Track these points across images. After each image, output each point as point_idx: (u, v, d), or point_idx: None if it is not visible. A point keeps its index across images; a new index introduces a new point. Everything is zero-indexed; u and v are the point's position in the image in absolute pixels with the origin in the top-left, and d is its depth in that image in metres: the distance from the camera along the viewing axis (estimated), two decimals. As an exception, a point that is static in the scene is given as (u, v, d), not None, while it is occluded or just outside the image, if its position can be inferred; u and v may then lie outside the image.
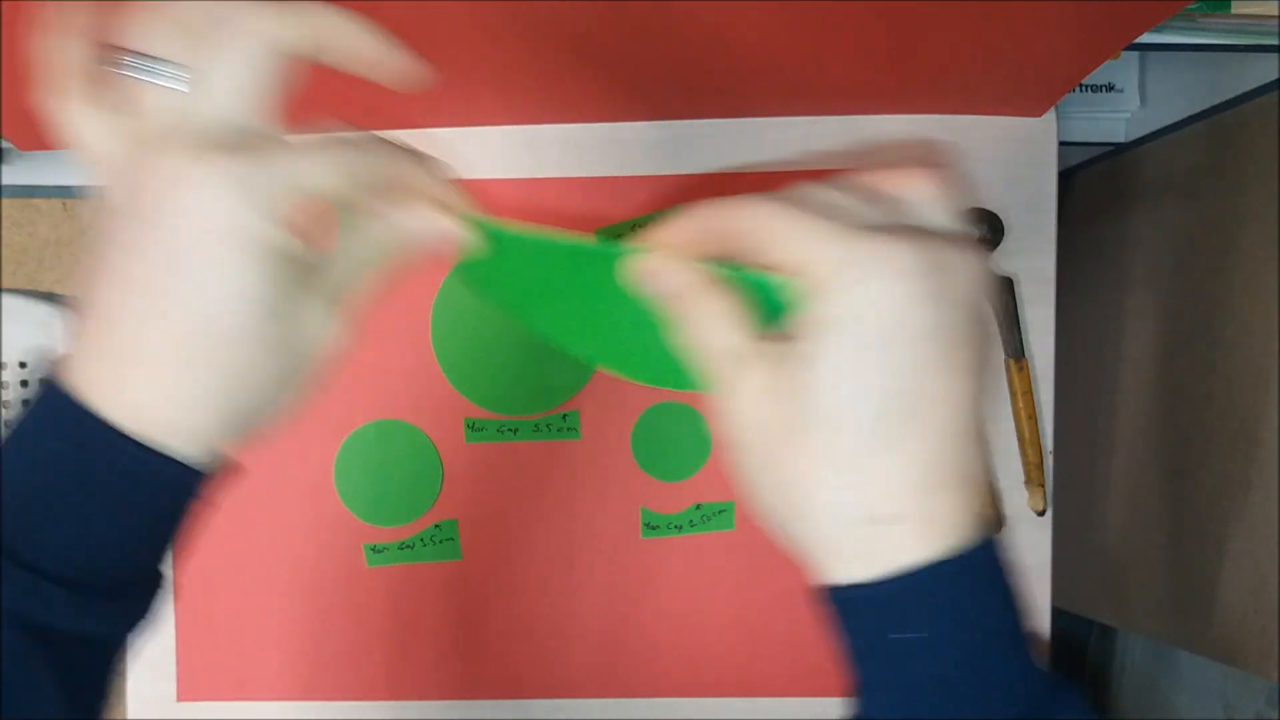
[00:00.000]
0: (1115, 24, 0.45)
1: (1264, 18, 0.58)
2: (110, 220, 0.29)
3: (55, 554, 0.28)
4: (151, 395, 0.28)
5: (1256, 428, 0.60)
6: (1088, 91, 0.72)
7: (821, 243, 0.26)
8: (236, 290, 0.27)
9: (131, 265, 0.28)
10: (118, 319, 0.28)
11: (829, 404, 0.26)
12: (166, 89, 0.28)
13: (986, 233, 0.58)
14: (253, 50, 0.28)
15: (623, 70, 0.51)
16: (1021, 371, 0.58)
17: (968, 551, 0.26)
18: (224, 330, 0.28)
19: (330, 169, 0.28)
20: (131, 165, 0.28)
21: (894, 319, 0.25)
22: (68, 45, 0.30)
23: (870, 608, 0.27)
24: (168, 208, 0.27)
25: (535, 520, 0.61)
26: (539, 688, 0.61)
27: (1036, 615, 0.60)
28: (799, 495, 0.27)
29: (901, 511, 0.26)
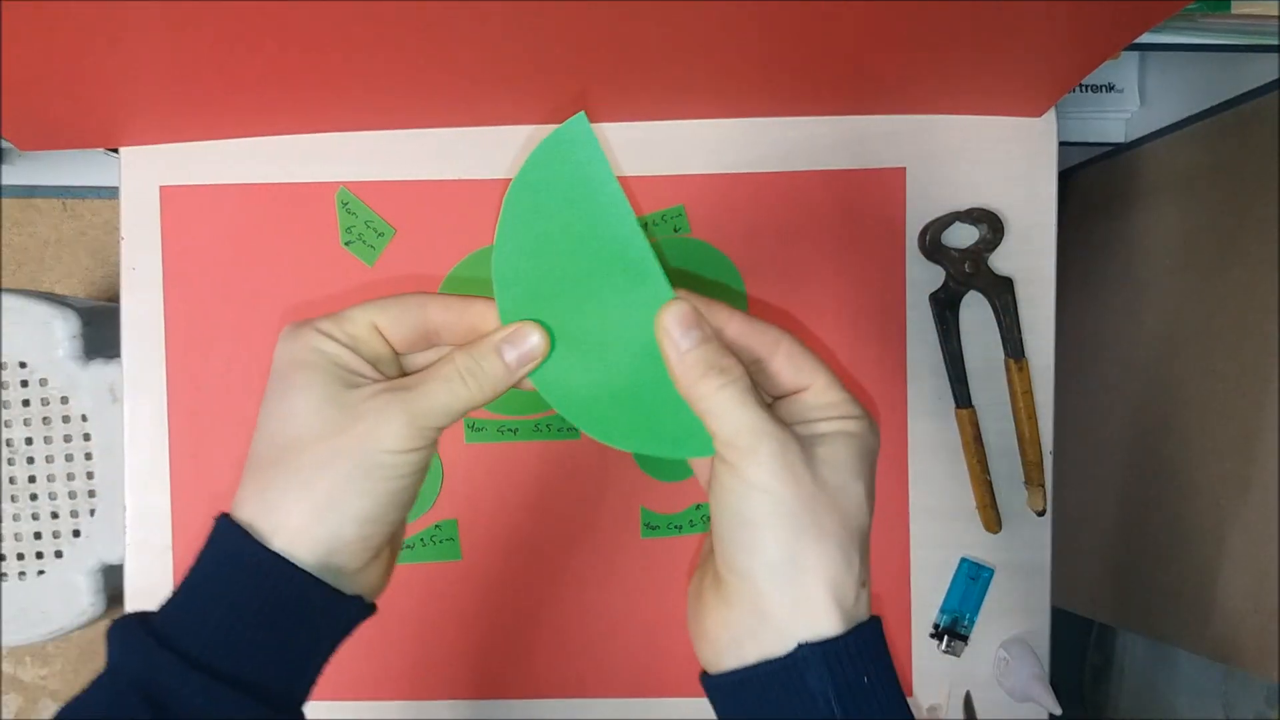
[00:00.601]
0: (1115, 24, 0.45)
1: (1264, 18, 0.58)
2: None
3: (185, 637, 0.32)
4: (260, 503, 0.34)
5: (1256, 428, 0.60)
6: (1088, 91, 0.72)
7: (845, 393, 0.35)
8: (301, 399, 0.34)
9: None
10: (247, 461, 0.35)
11: (852, 486, 0.33)
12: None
13: (986, 233, 0.58)
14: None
15: (622, 70, 0.51)
16: (1021, 371, 0.58)
17: (876, 617, 0.34)
18: (293, 435, 0.34)
19: (381, 313, 0.36)
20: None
21: (875, 460, 0.35)
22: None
23: (846, 655, 0.32)
24: (275, 353, 0.36)
25: (535, 520, 0.61)
26: (539, 688, 0.61)
27: (1036, 615, 0.60)
28: (818, 544, 0.32)
29: (866, 580, 0.34)
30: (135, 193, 0.60)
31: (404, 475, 0.34)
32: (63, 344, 0.82)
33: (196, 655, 0.32)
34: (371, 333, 0.36)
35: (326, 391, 0.34)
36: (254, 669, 0.33)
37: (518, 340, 0.36)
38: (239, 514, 0.34)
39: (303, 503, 0.33)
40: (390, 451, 0.33)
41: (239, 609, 0.33)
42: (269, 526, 0.33)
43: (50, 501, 0.84)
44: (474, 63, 0.49)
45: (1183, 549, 0.67)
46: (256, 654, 0.33)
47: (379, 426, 0.33)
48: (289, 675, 0.34)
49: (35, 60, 0.45)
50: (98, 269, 1.26)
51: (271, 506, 0.34)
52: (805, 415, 0.35)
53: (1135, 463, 0.74)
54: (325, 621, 0.35)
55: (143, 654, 0.32)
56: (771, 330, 0.36)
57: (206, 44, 0.45)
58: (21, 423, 0.83)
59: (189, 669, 0.31)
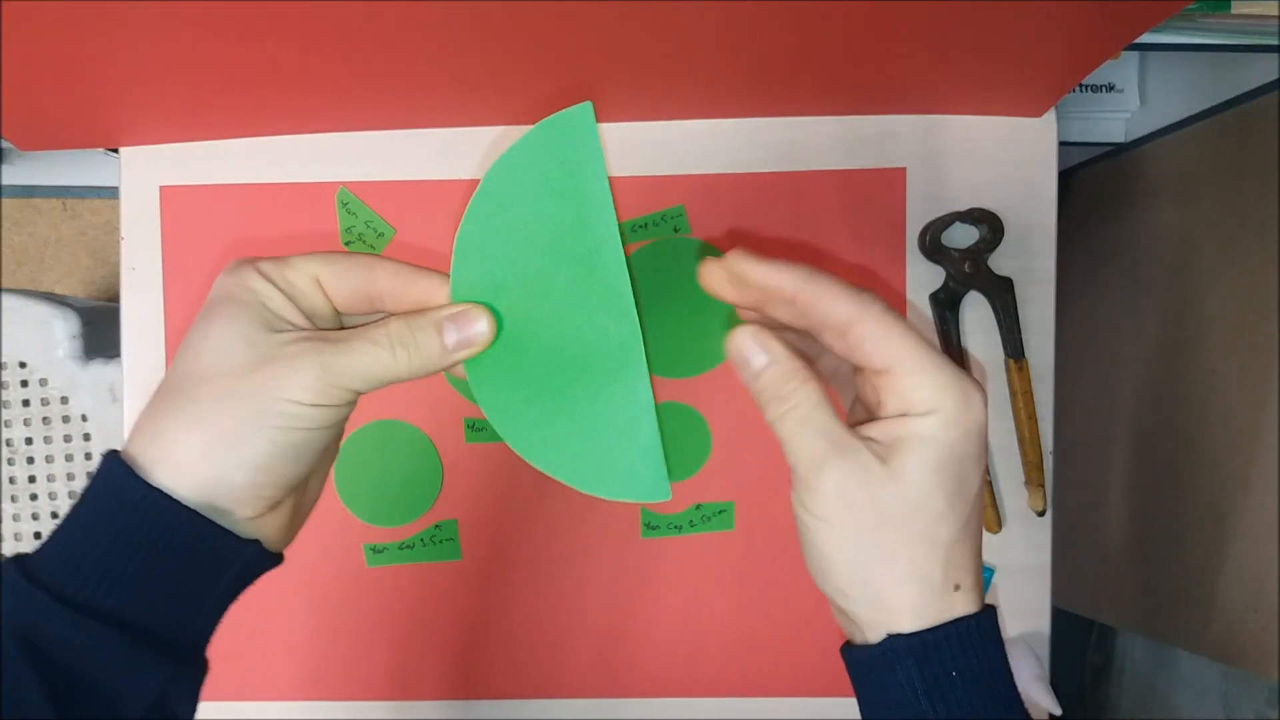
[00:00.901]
0: (1115, 24, 0.45)
1: (1264, 18, 0.58)
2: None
3: (64, 579, 0.31)
4: (156, 440, 0.33)
5: (1256, 428, 0.60)
6: (1088, 91, 0.72)
7: (935, 371, 0.32)
8: (218, 332, 0.33)
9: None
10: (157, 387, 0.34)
11: (928, 499, 0.32)
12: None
13: (986, 233, 0.58)
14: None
15: (621, 70, 0.51)
16: (1021, 372, 0.58)
17: (990, 609, 0.34)
18: (199, 367, 0.33)
19: (326, 266, 0.35)
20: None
21: (975, 442, 0.33)
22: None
23: (934, 649, 0.32)
24: (212, 286, 0.34)
25: (535, 520, 0.61)
26: (539, 688, 0.61)
27: (1036, 615, 0.60)
28: (888, 569, 0.32)
29: (963, 581, 0.33)
30: (135, 193, 0.60)
31: (305, 429, 0.32)
32: (63, 344, 0.82)
33: (72, 594, 0.31)
34: (313, 285, 0.34)
35: (246, 330, 0.33)
36: (135, 606, 0.31)
37: (462, 322, 0.34)
38: (130, 446, 0.33)
39: (192, 437, 0.32)
40: (293, 401, 0.32)
41: (118, 544, 0.31)
42: (152, 458, 0.32)
43: (50, 501, 0.84)
44: (474, 63, 0.49)
45: (1183, 549, 0.67)
46: (137, 591, 0.31)
47: (287, 373, 0.32)
48: (176, 615, 0.33)
49: (35, 60, 0.45)
50: (98, 269, 1.26)
51: (158, 436, 0.32)
52: (885, 406, 0.33)
53: (1135, 463, 0.74)
54: (213, 561, 0.33)
55: (14, 594, 0.31)
56: (852, 302, 0.33)
57: (207, 44, 0.45)
58: (21, 423, 0.83)
59: (62, 607, 0.30)
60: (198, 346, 0.33)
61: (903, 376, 0.33)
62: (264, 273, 0.34)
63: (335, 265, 0.35)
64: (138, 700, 0.32)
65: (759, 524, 0.60)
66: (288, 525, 0.36)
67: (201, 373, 0.33)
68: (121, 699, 0.31)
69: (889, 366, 0.33)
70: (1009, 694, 0.33)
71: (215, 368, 0.32)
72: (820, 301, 0.33)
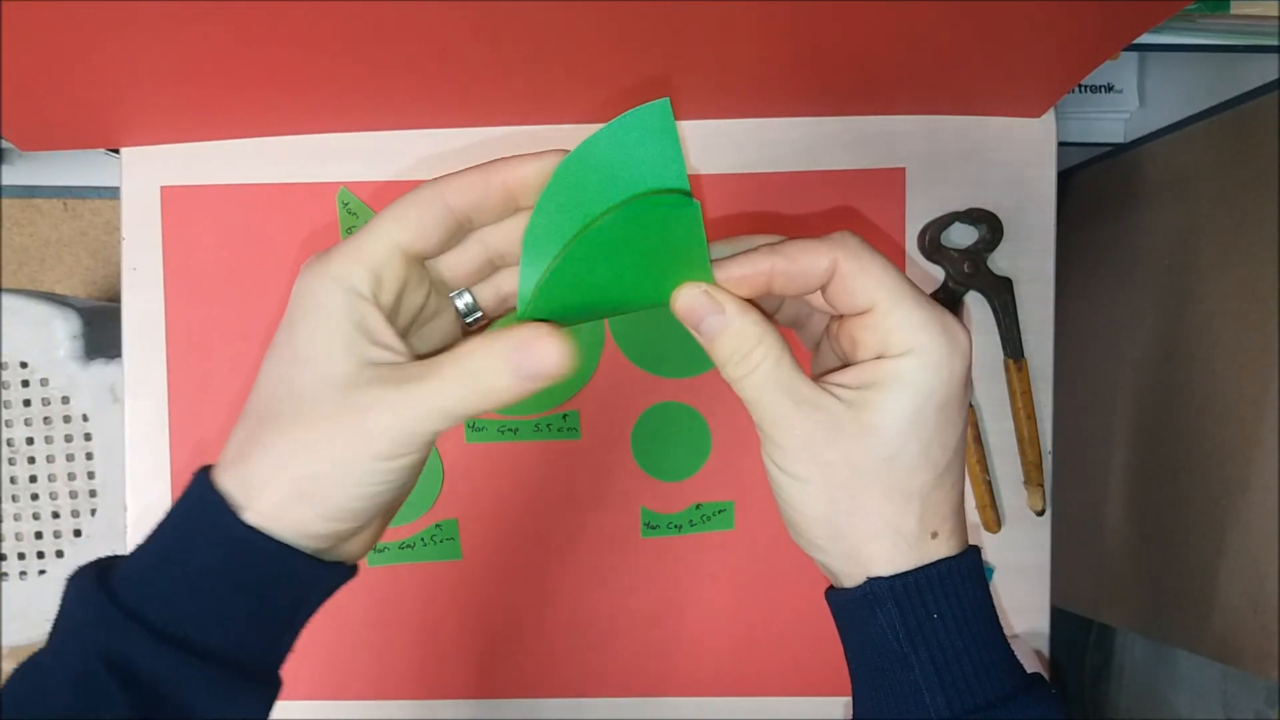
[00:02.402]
0: (1114, 24, 0.45)
1: (1263, 18, 0.58)
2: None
3: (153, 606, 0.31)
4: (236, 455, 0.32)
5: (1256, 428, 0.60)
6: (1087, 92, 0.72)
7: (915, 308, 0.31)
8: (311, 358, 0.31)
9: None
10: (245, 405, 0.33)
11: (900, 450, 0.31)
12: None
13: (986, 233, 0.58)
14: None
15: (622, 70, 0.51)
16: (1020, 371, 0.58)
17: (971, 550, 0.33)
18: (293, 392, 0.31)
19: (403, 229, 0.32)
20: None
21: (956, 388, 0.32)
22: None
23: (914, 590, 0.32)
24: (293, 288, 0.33)
25: (535, 520, 0.61)
26: (539, 687, 0.61)
27: (1036, 615, 0.60)
28: (861, 522, 0.32)
29: (941, 528, 0.32)
30: (136, 193, 0.60)
31: (385, 480, 0.32)
32: (63, 344, 0.82)
33: (163, 625, 0.31)
34: (395, 258, 0.32)
35: (336, 360, 0.31)
36: (228, 639, 0.32)
37: (531, 348, 0.31)
38: (221, 472, 0.32)
39: (279, 481, 0.31)
40: (374, 457, 0.31)
41: (212, 580, 0.31)
42: (243, 499, 0.31)
43: (51, 501, 0.84)
44: (475, 63, 0.49)
45: (1182, 549, 0.67)
46: (231, 624, 0.32)
47: (373, 424, 0.30)
48: (266, 643, 0.33)
49: (36, 60, 0.45)
50: (99, 269, 1.26)
51: (248, 476, 0.32)
52: (861, 348, 0.32)
53: (1135, 463, 0.74)
54: (303, 590, 0.33)
55: (105, 621, 0.30)
56: (823, 252, 0.32)
57: (207, 44, 0.45)
58: (22, 423, 0.83)
59: (157, 641, 0.30)
60: (286, 368, 0.32)
61: (882, 314, 0.31)
62: (349, 280, 0.31)
63: (408, 220, 0.32)
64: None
65: (759, 524, 0.60)
66: (371, 540, 0.36)
67: (292, 403, 0.31)
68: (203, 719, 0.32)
69: (871, 304, 0.32)
70: (992, 633, 0.33)
71: (300, 399, 0.31)
72: (796, 266, 0.32)
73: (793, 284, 0.33)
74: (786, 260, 0.32)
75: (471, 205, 0.33)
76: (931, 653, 0.31)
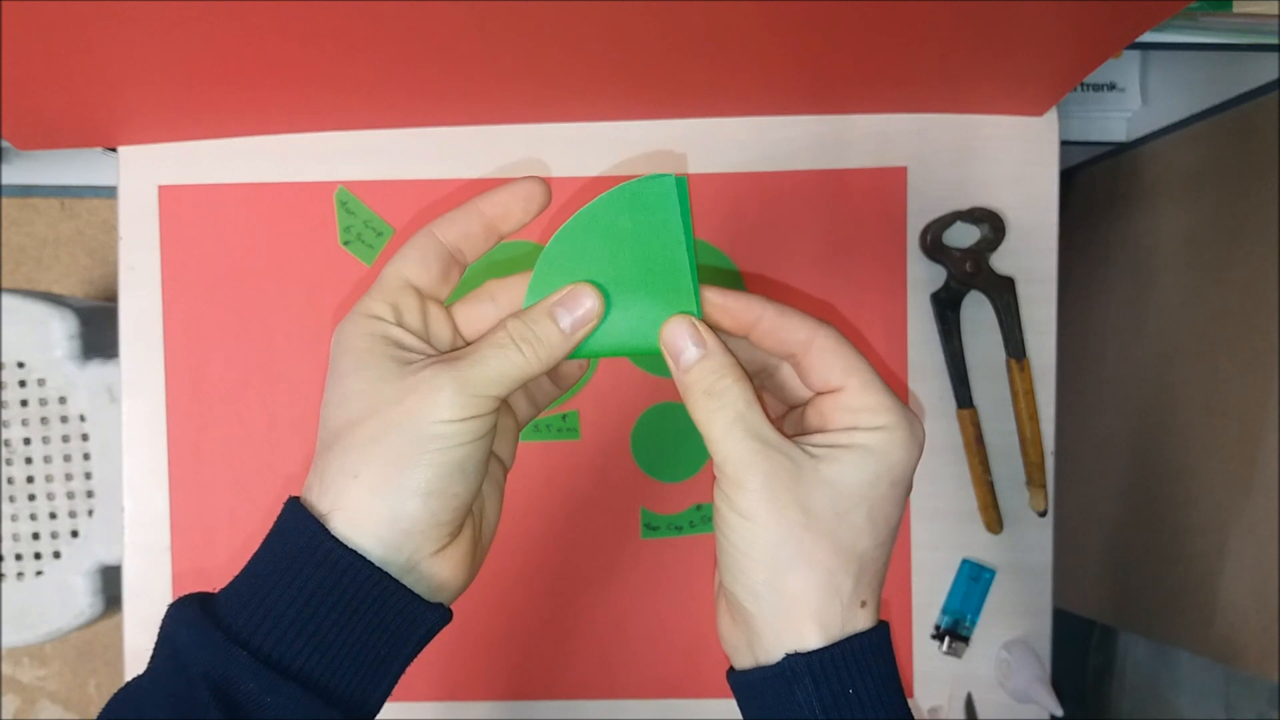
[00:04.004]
0: (1116, 23, 0.45)
1: (1265, 17, 0.57)
2: None
3: (256, 632, 0.32)
4: (322, 482, 0.34)
5: (1257, 428, 0.60)
6: (1089, 90, 0.71)
7: (884, 393, 0.34)
8: (353, 382, 0.34)
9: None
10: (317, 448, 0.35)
11: (855, 508, 0.33)
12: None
13: (988, 232, 0.58)
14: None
15: (621, 69, 0.51)
16: (1023, 371, 0.58)
17: (883, 625, 0.34)
18: (347, 418, 0.33)
19: (408, 264, 0.36)
20: None
21: (907, 472, 0.34)
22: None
23: (831, 668, 0.32)
24: (331, 345, 0.36)
25: (535, 521, 0.60)
26: (538, 688, 0.61)
27: (1038, 616, 0.60)
28: (805, 573, 0.32)
29: (870, 599, 0.34)
30: (133, 192, 0.60)
31: (462, 444, 0.33)
32: (61, 344, 0.82)
33: (268, 653, 0.31)
34: (407, 291, 0.36)
35: (376, 372, 0.33)
36: (328, 669, 0.32)
37: (571, 304, 0.35)
38: (308, 496, 0.34)
39: (359, 481, 0.32)
40: (442, 421, 0.32)
41: (313, 603, 0.32)
42: (327, 508, 0.33)
43: (48, 502, 0.83)
44: (473, 62, 0.49)
45: (1184, 550, 0.67)
46: (330, 652, 0.32)
47: (429, 396, 0.32)
48: (365, 678, 0.34)
49: (34, 59, 0.44)
50: (96, 268, 1.26)
51: (327, 489, 0.33)
52: (832, 421, 0.34)
53: (1137, 463, 0.74)
54: (401, 624, 0.34)
55: (209, 645, 0.31)
56: (807, 325, 0.35)
57: (205, 43, 0.45)
58: (19, 423, 0.83)
59: (260, 665, 0.31)
60: (338, 402, 0.34)
61: (855, 394, 0.34)
62: (369, 311, 0.35)
63: (411, 257, 0.36)
64: None
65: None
66: (470, 556, 0.37)
67: (349, 423, 0.33)
68: None
69: (844, 383, 0.34)
70: (901, 703, 0.34)
71: (360, 414, 0.33)
72: (781, 324, 0.35)
73: (771, 338, 0.35)
74: (775, 314, 0.35)
75: (458, 236, 0.36)
76: None
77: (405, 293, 0.35)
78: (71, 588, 0.83)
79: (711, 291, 0.35)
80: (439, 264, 0.36)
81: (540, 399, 0.41)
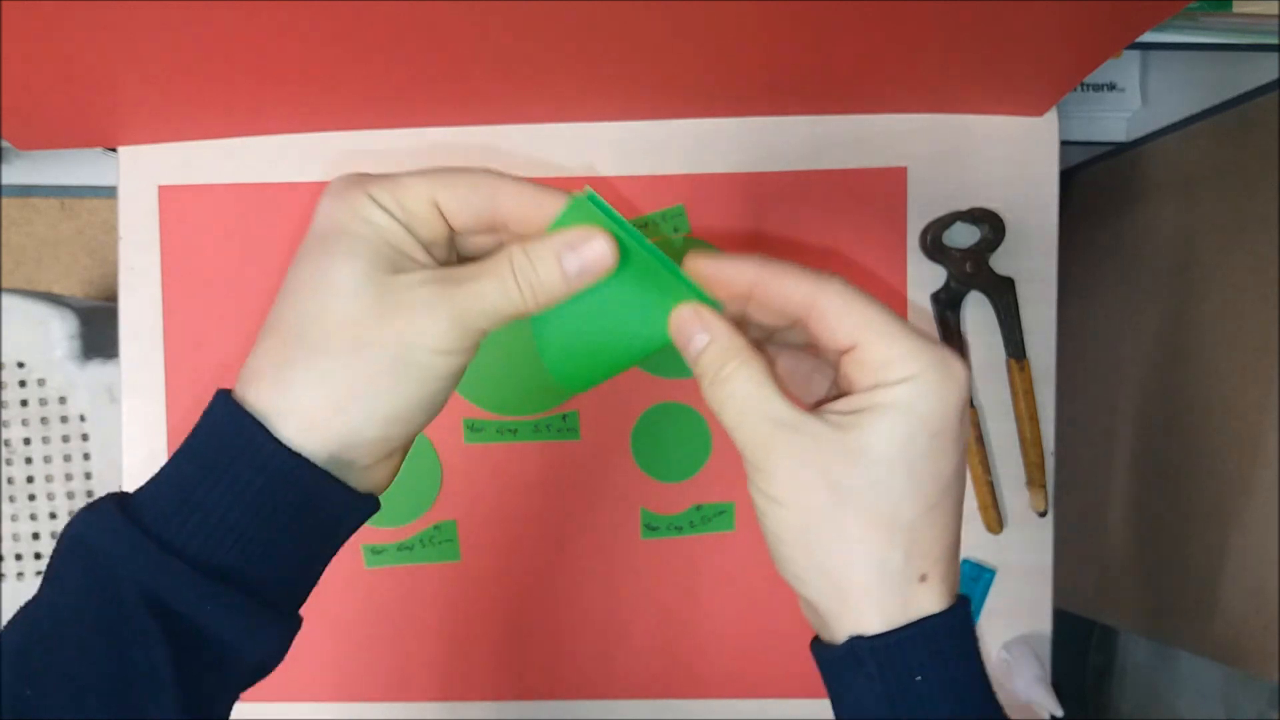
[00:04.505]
0: (1116, 23, 0.45)
1: (1265, 17, 0.57)
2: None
3: (191, 539, 0.30)
4: (266, 384, 0.31)
5: (1258, 428, 0.60)
6: (1089, 90, 0.71)
7: (906, 339, 0.30)
8: (341, 272, 0.30)
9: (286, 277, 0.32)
10: (267, 325, 0.32)
11: (888, 475, 0.30)
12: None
13: (988, 232, 0.58)
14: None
15: (622, 70, 0.51)
16: (1023, 372, 0.58)
17: (961, 605, 0.32)
18: (324, 311, 0.30)
19: (446, 190, 0.32)
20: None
21: (951, 418, 0.30)
22: None
23: (897, 652, 0.30)
24: (317, 210, 0.32)
25: (535, 521, 0.60)
26: (538, 689, 0.61)
27: (1038, 616, 0.60)
28: (844, 552, 0.30)
29: (931, 571, 0.31)
30: (134, 192, 0.60)
31: (441, 377, 0.31)
32: (61, 344, 0.82)
33: (204, 557, 0.29)
34: (431, 210, 0.32)
35: (369, 270, 0.30)
36: (263, 569, 0.31)
37: (581, 248, 0.31)
38: (246, 389, 0.31)
39: (324, 390, 0.30)
40: (431, 351, 0.30)
41: (250, 508, 0.30)
42: (278, 409, 0.30)
43: (49, 502, 0.83)
44: (474, 62, 0.49)
45: (1185, 550, 0.67)
46: (266, 554, 0.31)
47: (422, 321, 0.30)
48: (296, 576, 0.33)
49: (34, 59, 0.45)
50: (96, 268, 1.26)
51: (284, 387, 0.30)
52: (856, 382, 0.31)
53: (1137, 463, 0.74)
54: (336, 521, 0.33)
55: (141, 554, 0.29)
56: (808, 280, 0.32)
57: (205, 43, 0.45)
58: (19, 423, 0.83)
59: (202, 578, 0.29)
60: (319, 288, 0.31)
61: (872, 348, 0.31)
62: (378, 200, 0.31)
63: (457, 188, 0.32)
64: (250, 657, 0.31)
65: (759, 525, 0.60)
66: (394, 470, 0.35)
67: (326, 318, 0.30)
68: (239, 661, 0.31)
69: (856, 340, 0.31)
70: (981, 698, 0.31)
71: (341, 314, 0.30)
72: (777, 284, 0.32)
73: (771, 301, 0.32)
74: (770, 274, 0.32)
75: (516, 215, 0.33)
76: (914, 714, 0.30)
77: (427, 209, 0.32)
78: (72, 588, 0.83)
79: (700, 262, 0.33)
80: (477, 219, 0.33)
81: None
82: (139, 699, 0.29)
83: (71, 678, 0.28)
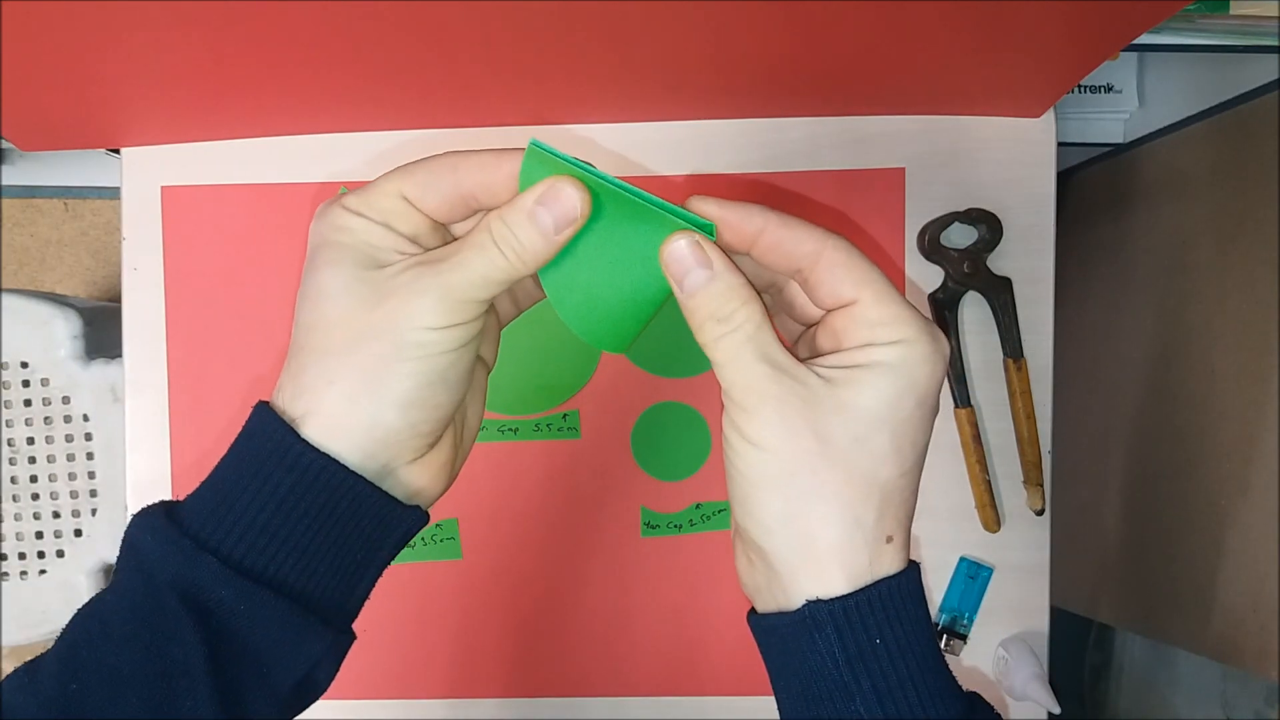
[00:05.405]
0: (1114, 24, 0.45)
1: (1262, 18, 0.58)
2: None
3: (225, 538, 0.31)
4: (296, 390, 0.32)
5: (1255, 428, 0.60)
6: (1086, 92, 0.72)
7: (902, 304, 0.31)
8: (328, 278, 0.32)
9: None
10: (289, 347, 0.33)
11: (875, 433, 0.30)
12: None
13: (985, 233, 0.58)
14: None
15: (622, 71, 0.51)
16: (1020, 371, 0.58)
17: (914, 567, 0.32)
18: (321, 318, 0.32)
19: (408, 180, 0.33)
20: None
21: (933, 388, 0.32)
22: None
23: (856, 615, 0.30)
24: (308, 236, 0.34)
25: (535, 520, 0.61)
26: (539, 687, 0.61)
27: (1035, 614, 0.60)
28: (820, 504, 0.30)
29: (896, 534, 0.31)
30: (137, 193, 0.61)
31: (445, 352, 0.31)
32: (64, 344, 0.82)
33: (239, 558, 0.30)
34: (402, 205, 0.33)
35: (354, 271, 0.31)
36: (303, 575, 0.31)
37: (550, 201, 0.31)
38: (275, 401, 0.32)
39: (335, 386, 0.31)
40: (424, 328, 0.31)
41: (284, 510, 0.31)
42: (301, 412, 0.31)
43: (51, 501, 0.84)
44: (474, 63, 0.49)
45: (1182, 548, 0.67)
46: (304, 559, 0.31)
47: (410, 301, 0.31)
48: (340, 584, 0.33)
49: (36, 60, 0.45)
50: (99, 269, 1.26)
51: (301, 391, 0.31)
52: (847, 339, 0.32)
53: (1134, 462, 0.74)
54: (377, 529, 0.33)
55: (179, 552, 0.30)
56: (815, 236, 0.32)
57: (208, 45, 0.45)
58: (23, 423, 0.83)
59: (232, 573, 0.30)
60: (314, 299, 0.32)
61: (870, 306, 0.31)
62: (352, 209, 0.32)
63: (416, 177, 0.33)
64: (293, 669, 0.32)
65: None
66: (451, 462, 0.35)
67: (325, 323, 0.31)
68: (279, 666, 0.31)
69: (857, 296, 0.31)
70: (934, 656, 0.31)
71: (337, 315, 0.31)
72: (788, 232, 0.32)
73: (777, 250, 0.32)
74: (779, 225, 0.32)
75: (480, 185, 0.33)
76: (874, 681, 0.30)
77: (398, 205, 0.33)
78: (75, 587, 0.83)
79: (708, 203, 0.32)
80: (448, 202, 0.33)
81: (523, 299, 0.38)
82: (174, 693, 0.29)
83: (112, 672, 0.29)
